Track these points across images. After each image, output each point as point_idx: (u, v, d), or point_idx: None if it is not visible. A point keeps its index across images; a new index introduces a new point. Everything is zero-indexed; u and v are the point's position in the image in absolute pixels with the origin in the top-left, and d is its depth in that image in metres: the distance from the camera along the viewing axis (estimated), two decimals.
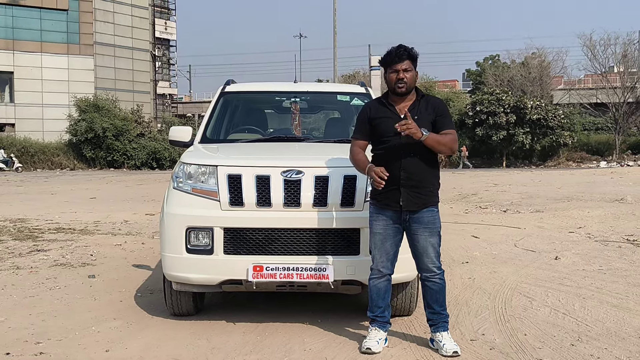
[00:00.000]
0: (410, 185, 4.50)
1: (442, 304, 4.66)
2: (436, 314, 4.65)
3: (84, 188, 23.95)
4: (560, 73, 55.70)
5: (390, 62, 4.58)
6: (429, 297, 4.66)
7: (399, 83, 4.54)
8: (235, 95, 6.79)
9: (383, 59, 4.64)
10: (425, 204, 4.55)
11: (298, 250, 4.87)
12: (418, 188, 4.52)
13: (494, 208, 14.81)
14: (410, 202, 4.51)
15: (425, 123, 4.51)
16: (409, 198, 4.50)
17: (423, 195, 4.54)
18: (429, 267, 4.59)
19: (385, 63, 4.63)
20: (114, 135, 42.87)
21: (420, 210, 4.54)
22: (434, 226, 4.57)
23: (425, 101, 4.64)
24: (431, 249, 4.57)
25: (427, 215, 4.56)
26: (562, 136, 44.43)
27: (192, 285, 5.10)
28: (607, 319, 5.33)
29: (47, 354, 4.48)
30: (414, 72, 4.60)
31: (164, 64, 58.82)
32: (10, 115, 46.71)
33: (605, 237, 9.89)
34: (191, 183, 5.06)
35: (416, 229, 4.56)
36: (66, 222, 12.67)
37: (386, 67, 4.62)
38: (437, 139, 4.47)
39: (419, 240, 4.57)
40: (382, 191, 4.51)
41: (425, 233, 4.55)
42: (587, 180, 23.41)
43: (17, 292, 6.41)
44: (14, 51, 46.67)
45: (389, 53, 4.59)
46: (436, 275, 4.60)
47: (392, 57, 4.56)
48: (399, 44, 4.61)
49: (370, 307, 4.72)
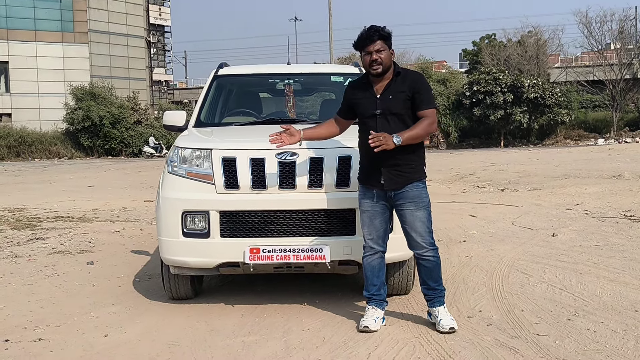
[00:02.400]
0: (391, 164, 4.49)
1: (436, 279, 4.66)
2: (431, 290, 4.67)
3: (82, 176, 23.92)
4: (557, 51, 55.51)
5: (362, 44, 4.55)
6: (423, 274, 4.66)
7: (373, 64, 4.51)
8: (228, 79, 6.77)
9: (355, 42, 4.60)
10: (408, 181, 4.53)
11: (294, 231, 4.87)
12: (399, 166, 4.51)
13: (492, 187, 14.82)
14: (391, 181, 4.51)
15: (400, 102, 4.50)
16: (390, 177, 4.50)
17: (405, 174, 4.52)
18: (419, 244, 4.57)
19: (357, 46, 4.60)
20: (111, 123, 42.69)
21: (405, 187, 4.53)
22: (420, 200, 4.53)
23: (402, 78, 4.58)
24: (419, 224, 4.53)
25: (412, 191, 4.54)
26: (560, 114, 44.31)
27: (190, 269, 5.11)
28: (604, 294, 5.36)
29: (46, 340, 4.50)
30: (388, 52, 4.55)
31: (159, 50, 58.63)
32: (6, 105, 46.57)
33: (602, 213, 9.91)
34: (186, 167, 5.06)
35: (402, 204, 4.56)
36: (64, 210, 12.67)
37: (360, 50, 4.60)
38: (411, 136, 4.42)
39: (405, 216, 4.56)
40: (365, 172, 4.59)
41: (411, 207, 4.53)
42: (585, 158, 23.39)
43: (15, 279, 6.42)
44: (8, 41, 46.43)
45: (360, 36, 4.56)
46: (428, 251, 4.56)
47: (364, 40, 4.53)
48: (370, 25, 4.57)
49: (366, 285, 4.73)
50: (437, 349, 4.18)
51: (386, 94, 4.53)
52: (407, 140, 4.40)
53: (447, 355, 4.07)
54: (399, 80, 4.57)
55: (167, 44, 60.53)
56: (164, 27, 59.01)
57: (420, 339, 4.38)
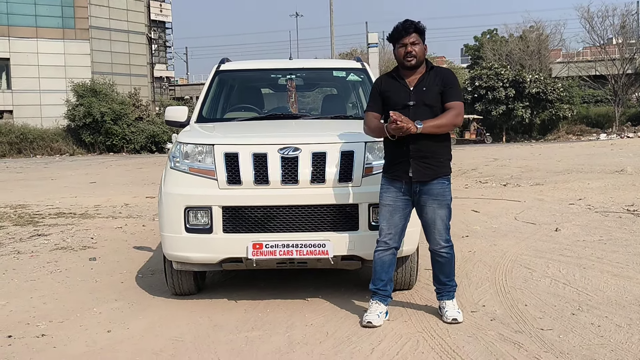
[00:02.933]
0: (419, 157, 4.51)
1: (448, 275, 4.72)
2: (442, 284, 4.74)
3: (84, 173, 23.93)
4: (559, 46, 55.46)
5: (397, 36, 4.59)
6: (436, 268, 4.74)
7: (407, 56, 4.56)
8: (230, 74, 6.75)
9: (391, 34, 4.64)
10: (436, 174, 4.56)
11: (297, 227, 4.86)
12: (428, 159, 4.53)
13: (494, 182, 14.80)
14: (420, 173, 4.53)
15: (434, 94, 4.55)
16: (418, 169, 4.52)
17: (433, 166, 4.55)
18: (436, 240, 4.64)
19: (392, 38, 4.64)
20: (112, 120, 42.69)
21: (431, 182, 4.55)
22: (443, 198, 4.58)
23: (435, 73, 4.64)
24: (439, 222, 4.59)
25: (437, 187, 4.57)
26: (562, 109, 44.31)
27: (193, 265, 5.10)
28: (608, 288, 5.34)
29: (49, 336, 4.50)
30: (422, 45, 4.62)
31: (160, 46, 58.59)
32: (7, 102, 46.55)
33: (605, 208, 9.89)
34: (188, 162, 5.04)
35: (425, 200, 4.58)
36: (66, 206, 12.68)
37: (394, 42, 4.64)
38: (434, 124, 4.45)
39: (427, 212, 4.60)
40: (393, 164, 4.58)
41: (434, 205, 4.57)
42: (587, 153, 23.37)
43: (18, 276, 6.42)
44: (9, 37, 46.39)
45: (396, 28, 4.61)
46: (443, 248, 4.65)
47: (400, 32, 4.58)
48: (406, 19, 4.63)
49: (373, 279, 4.73)
50: (441, 344, 4.17)
51: (420, 86, 4.57)
52: (429, 128, 4.42)
53: (450, 349, 4.06)
54: (432, 74, 4.62)
55: (168, 40, 60.50)
56: (164, 23, 58.94)
57: (423, 334, 4.37)
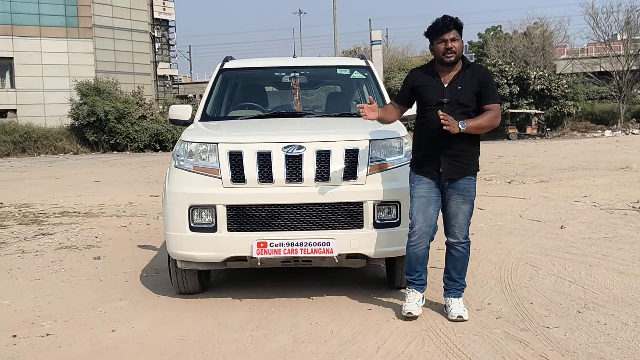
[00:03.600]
0: (450, 154, 4.54)
1: (460, 272, 4.75)
2: (452, 281, 4.75)
3: (88, 172, 23.95)
4: (563, 42, 55.32)
5: (437, 32, 4.57)
6: (449, 262, 4.77)
7: (447, 53, 4.53)
8: (234, 72, 6.73)
9: (429, 30, 4.61)
10: (465, 172, 4.59)
11: (301, 225, 4.84)
12: (458, 157, 4.56)
13: (499, 179, 14.77)
14: (449, 171, 4.56)
15: (469, 94, 4.55)
16: (448, 167, 4.55)
17: (463, 164, 4.58)
18: (455, 234, 4.68)
19: (431, 34, 4.61)
20: (116, 118, 42.73)
21: (460, 178, 4.57)
22: (468, 194, 4.62)
23: (470, 71, 4.62)
24: (462, 216, 4.63)
25: (463, 182, 4.61)
26: (566, 106, 44.22)
27: (197, 263, 5.09)
28: (614, 286, 5.32)
29: (54, 335, 4.49)
30: (461, 42, 4.60)
31: (164, 45, 58.61)
32: (11, 101, 46.62)
33: (610, 205, 9.85)
34: (192, 161, 5.03)
35: (451, 194, 4.63)
36: (71, 205, 12.69)
37: (432, 38, 4.61)
38: (476, 126, 4.49)
39: (450, 205, 4.64)
40: (423, 160, 4.62)
41: (459, 199, 4.61)
42: (592, 150, 23.31)
43: (23, 275, 6.41)
44: (12, 36, 46.46)
45: (436, 23, 4.58)
46: (461, 243, 4.70)
47: (440, 27, 4.55)
48: (444, 14, 4.61)
49: (408, 270, 4.77)
50: (446, 342, 4.15)
51: (454, 84, 4.56)
52: (471, 129, 4.44)
53: (456, 348, 4.04)
54: (468, 73, 4.59)
55: (172, 39, 60.53)
56: (168, 21, 58.97)
57: (429, 332, 4.35)
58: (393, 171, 4.96)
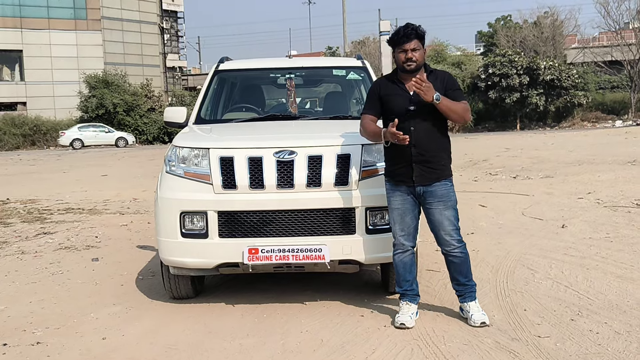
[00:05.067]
0: (421, 161, 4.54)
1: (466, 275, 4.72)
2: (462, 285, 4.73)
3: (96, 165, 24.06)
4: (574, 32, 54.82)
5: (398, 41, 4.59)
6: (453, 270, 4.74)
7: (407, 62, 4.58)
8: (229, 74, 6.69)
9: (391, 38, 4.65)
10: (438, 177, 4.59)
11: (293, 231, 4.81)
12: (430, 163, 4.57)
13: (504, 174, 14.68)
14: (423, 177, 4.56)
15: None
16: (421, 173, 4.55)
17: (436, 170, 4.59)
18: (447, 241, 4.65)
19: (393, 42, 4.64)
20: (125, 111, 42.91)
21: (434, 183, 4.57)
22: (448, 199, 4.61)
23: (434, 76, 4.65)
24: (447, 222, 4.61)
25: (441, 189, 4.60)
26: (577, 96, 43.85)
27: (189, 269, 5.08)
28: (610, 291, 5.26)
29: (44, 344, 4.48)
30: (422, 51, 4.63)
31: (173, 36, 58.63)
32: (21, 94, 46.87)
33: (614, 202, 9.76)
34: (184, 167, 5.01)
35: (430, 202, 4.61)
36: (76, 201, 12.75)
37: (394, 47, 4.64)
38: (449, 105, 4.49)
39: (434, 214, 4.62)
40: (395, 168, 4.61)
41: (440, 206, 4.59)
42: (601, 142, 23.12)
43: (20, 278, 6.43)
44: (22, 29, 46.66)
45: (397, 33, 4.62)
46: (456, 248, 4.66)
47: (400, 37, 4.58)
48: (407, 23, 4.64)
49: (398, 282, 4.76)
50: (435, 352, 4.12)
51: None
52: (445, 105, 4.45)
53: (444, 359, 4.01)
54: (431, 78, 4.60)
55: (180, 30, 60.53)
56: (176, 13, 58.95)
57: (418, 342, 4.32)
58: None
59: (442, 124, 4.66)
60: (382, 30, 42.86)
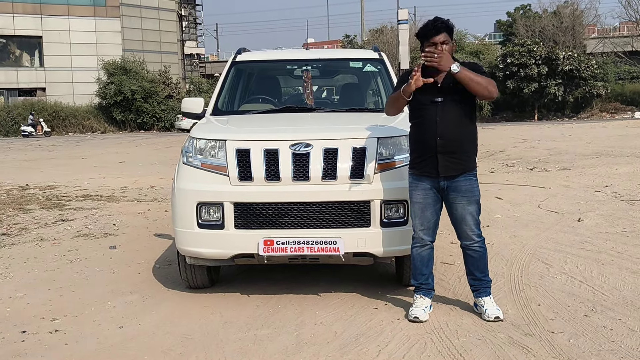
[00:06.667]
0: (447, 152, 4.52)
1: (483, 270, 4.73)
2: (477, 280, 4.74)
3: (114, 152, 24.23)
4: (594, 22, 54.13)
5: (427, 35, 4.55)
6: (470, 264, 4.74)
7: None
8: (246, 65, 6.71)
9: (420, 31, 4.61)
10: (463, 169, 4.57)
11: (308, 223, 4.85)
12: (455, 154, 4.55)
13: (521, 166, 14.61)
14: (447, 168, 4.54)
15: (463, 89, 4.50)
16: (446, 165, 4.53)
17: (461, 161, 4.57)
18: (468, 236, 4.66)
19: (422, 36, 4.60)
20: (143, 98, 43.05)
21: (458, 178, 4.57)
22: (472, 194, 4.60)
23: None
24: (470, 218, 4.62)
25: (465, 184, 4.59)
26: (596, 87, 43.34)
27: (205, 260, 5.14)
28: (625, 287, 5.25)
29: (62, 332, 4.57)
30: (451, 44, 4.60)
31: (191, 23, 58.68)
32: (40, 80, 47.17)
33: (632, 196, 9.70)
34: (201, 158, 5.05)
35: (454, 197, 4.61)
36: (94, 188, 12.88)
37: (423, 40, 4.60)
38: (470, 75, 4.44)
39: (457, 209, 4.63)
40: (420, 160, 4.61)
41: (464, 201, 4.60)
42: (619, 134, 22.90)
43: (38, 265, 6.53)
44: (41, 15, 46.86)
45: (426, 26, 4.58)
46: (475, 243, 4.67)
47: (429, 30, 4.54)
48: (435, 17, 4.60)
49: (414, 274, 4.78)
50: (449, 347, 4.14)
51: (447, 82, 4.54)
52: (465, 75, 4.41)
53: (457, 353, 4.03)
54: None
55: (199, 17, 60.59)
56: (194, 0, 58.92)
57: (432, 335, 4.34)
58: (401, 169, 4.92)
59: (469, 115, 4.63)
60: (400, 19, 42.55)
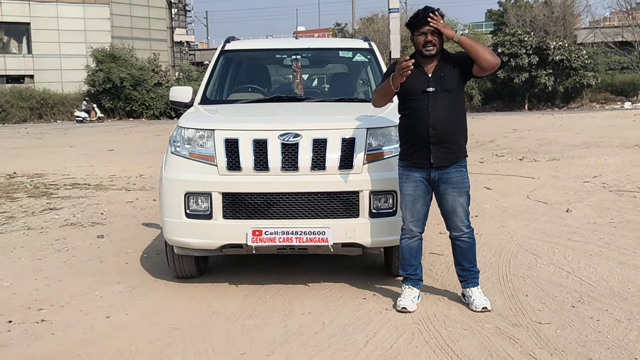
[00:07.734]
0: (439, 142, 4.51)
1: (471, 260, 4.75)
2: (466, 271, 4.75)
3: (103, 140, 24.09)
4: (585, 12, 54.21)
5: (417, 24, 4.52)
6: (458, 254, 4.76)
7: (427, 45, 4.51)
8: (235, 54, 6.66)
9: (410, 21, 4.59)
10: (456, 159, 4.58)
11: (297, 214, 4.83)
12: (447, 144, 4.54)
13: (510, 156, 14.64)
14: (440, 159, 4.54)
15: (454, 78, 4.55)
16: (439, 155, 4.52)
17: (453, 151, 4.56)
18: (458, 226, 4.67)
19: (412, 26, 4.58)
20: (132, 85, 42.80)
21: (449, 169, 4.56)
22: (462, 186, 4.61)
23: (452, 57, 4.62)
24: (460, 209, 4.62)
25: (455, 175, 4.59)
26: (586, 77, 43.46)
27: (193, 250, 5.11)
28: (612, 278, 5.27)
29: (48, 321, 4.53)
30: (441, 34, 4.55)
31: (180, 10, 58.27)
32: (28, 67, 46.76)
33: (620, 186, 9.74)
34: (189, 147, 5.02)
35: (445, 189, 4.60)
36: (82, 176, 12.81)
37: (413, 30, 4.57)
38: (472, 43, 4.45)
39: (447, 200, 4.63)
40: (411, 151, 4.58)
41: (454, 193, 4.60)
42: (609, 124, 22.98)
43: (25, 254, 6.48)
44: (29, 2, 46.39)
45: (416, 15, 4.55)
46: (465, 234, 4.68)
47: (419, 20, 4.51)
48: (426, 6, 4.57)
49: (402, 265, 4.78)
50: (436, 337, 4.14)
51: (437, 73, 4.54)
52: (467, 41, 4.41)
53: (445, 343, 4.03)
54: (448, 58, 4.58)
55: (188, 4, 60.17)
56: None
57: (419, 326, 4.35)
58: (390, 160, 4.91)
59: (459, 105, 4.64)
60: (391, 8, 42.38)
